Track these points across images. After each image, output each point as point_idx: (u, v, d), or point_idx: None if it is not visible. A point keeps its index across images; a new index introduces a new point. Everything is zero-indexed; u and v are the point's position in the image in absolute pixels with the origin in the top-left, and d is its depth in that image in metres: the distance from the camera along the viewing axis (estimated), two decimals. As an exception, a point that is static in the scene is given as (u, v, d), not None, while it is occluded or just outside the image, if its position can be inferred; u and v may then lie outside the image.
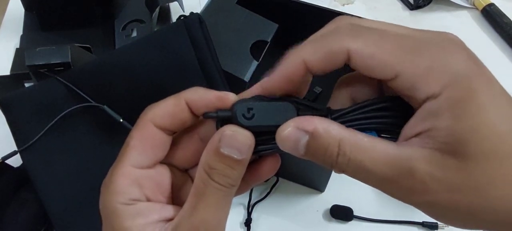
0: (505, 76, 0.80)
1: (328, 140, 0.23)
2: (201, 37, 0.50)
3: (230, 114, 0.24)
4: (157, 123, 0.26)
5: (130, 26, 0.73)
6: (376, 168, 0.22)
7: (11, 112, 0.51)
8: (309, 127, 0.23)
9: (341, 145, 0.22)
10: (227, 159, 0.23)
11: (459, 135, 0.20)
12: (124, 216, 0.24)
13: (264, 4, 0.63)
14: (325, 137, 0.23)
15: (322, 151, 0.23)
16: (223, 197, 0.24)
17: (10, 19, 0.77)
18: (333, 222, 0.58)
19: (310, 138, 0.23)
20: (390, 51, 0.22)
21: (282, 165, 0.58)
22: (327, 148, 0.23)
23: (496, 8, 0.82)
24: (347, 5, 0.85)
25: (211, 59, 0.50)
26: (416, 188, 0.21)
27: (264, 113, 0.24)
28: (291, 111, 0.24)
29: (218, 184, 0.24)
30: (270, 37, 0.58)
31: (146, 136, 0.25)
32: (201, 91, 0.26)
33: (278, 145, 0.24)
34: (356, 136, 0.23)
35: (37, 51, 0.59)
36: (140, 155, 0.25)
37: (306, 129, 0.23)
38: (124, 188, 0.24)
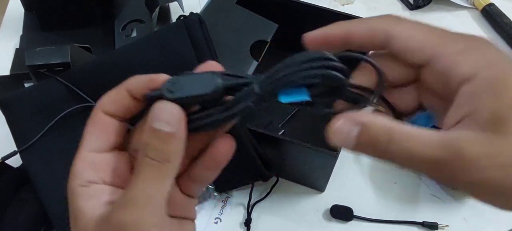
0: (505, 76, 0.79)
1: (378, 130, 0.24)
2: (201, 37, 0.50)
3: (160, 93, 0.25)
4: (104, 110, 0.27)
5: (130, 26, 0.73)
6: (426, 152, 0.22)
7: (11, 112, 0.51)
8: (360, 119, 0.24)
9: (391, 134, 0.23)
10: (158, 132, 0.24)
11: (502, 113, 0.21)
12: (79, 196, 0.25)
13: (264, 4, 0.63)
14: (375, 127, 0.24)
15: (373, 141, 0.24)
16: (158, 171, 0.24)
17: (10, 19, 0.77)
18: (333, 222, 0.58)
19: (361, 129, 0.24)
20: (427, 35, 0.24)
21: (282, 165, 0.58)
22: (378, 138, 0.23)
23: (496, 8, 0.82)
24: (347, 5, 0.85)
25: (211, 59, 0.50)
26: (466, 167, 0.21)
27: (188, 85, 0.25)
28: (215, 80, 0.25)
29: (152, 158, 0.24)
30: (270, 37, 0.58)
31: (97, 122, 0.27)
32: (139, 77, 0.27)
33: (330, 139, 0.25)
34: (403, 125, 0.23)
35: (37, 51, 0.59)
36: (94, 140, 0.27)
37: (357, 121, 0.24)
38: (80, 170, 0.26)
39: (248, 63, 0.55)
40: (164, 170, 0.25)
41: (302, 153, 0.53)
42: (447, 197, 0.60)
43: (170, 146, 0.24)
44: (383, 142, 0.23)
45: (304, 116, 0.66)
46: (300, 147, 0.52)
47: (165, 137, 0.24)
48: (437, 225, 0.56)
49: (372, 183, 0.61)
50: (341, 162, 0.60)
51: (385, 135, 0.23)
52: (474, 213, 0.58)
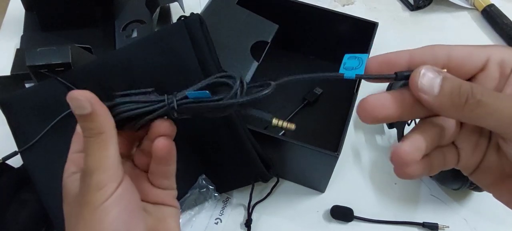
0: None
1: (460, 82, 0.25)
2: (201, 37, 0.49)
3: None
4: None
5: (130, 27, 0.73)
6: (506, 108, 0.24)
7: (11, 113, 0.51)
8: (441, 71, 0.26)
9: (473, 87, 0.25)
10: (82, 117, 0.30)
11: None
12: (66, 184, 0.34)
13: (264, 5, 0.63)
14: (458, 80, 0.25)
15: (455, 91, 0.25)
16: (97, 143, 0.30)
17: (10, 19, 0.77)
18: (333, 222, 0.58)
19: (444, 77, 0.25)
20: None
21: (282, 166, 0.58)
22: (460, 88, 0.25)
23: (496, 8, 0.82)
24: (347, 6, 0.85)
25: (212, 60, 0.50)
26: None
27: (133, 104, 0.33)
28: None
29: (89, 137, 0.30)
30: (271, 37, 0.58)
31: (78, 133, 0.35)
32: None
33: (414, 83, 0.26)
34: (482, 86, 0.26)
35: (38, 51, 0.59)
36: (77, 145, 0.35)
37: (440, 71, 0.26)
38: (67, 168, 0.34)
39: (248, 64, 0.55)
40: (101, 140, 0.30)
41: (303, 153, 0.53)
42: (447, 197, 0.60)
43: (96, 121, 0.30)
44: (465, 94, 0.25)
45: (304, 117, 0.67)
46: (301, 148, 0.52)
47: (88, 117, 0.30)
48: (437, 225, 0.56)
49: (372, 184, 0.61)
50: (341, 163, 0.60)
51: (468, 87, 0.25)
52: (474, 214, 0.58)
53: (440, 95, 0.25)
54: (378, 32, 0.64)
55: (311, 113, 0.67)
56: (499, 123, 0.24)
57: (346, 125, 0.53)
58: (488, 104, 0.24)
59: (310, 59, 0.73)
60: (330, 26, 0.67)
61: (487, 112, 0.24)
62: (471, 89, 0.25)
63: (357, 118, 0.68)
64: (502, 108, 0.24)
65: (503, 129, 0.25)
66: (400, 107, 0.28)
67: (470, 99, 0.24)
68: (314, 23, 0.68)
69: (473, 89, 0.25)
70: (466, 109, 0.25)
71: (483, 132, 0.28)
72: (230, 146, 0.52)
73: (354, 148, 0.65)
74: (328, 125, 0.65)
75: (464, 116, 0.25)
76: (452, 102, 0.25)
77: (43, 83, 0.53)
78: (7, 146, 0.52)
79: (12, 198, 0.53)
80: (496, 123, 0.24)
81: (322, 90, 0.68)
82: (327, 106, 0.67)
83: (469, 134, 0.28)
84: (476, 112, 0.25)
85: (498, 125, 0.25)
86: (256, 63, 0.55)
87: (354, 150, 0.64)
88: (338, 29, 0.67)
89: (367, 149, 0.65)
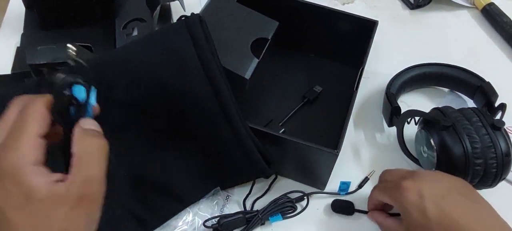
0: (504, 76, 0.80)
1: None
2: (201, 35, 0.50)
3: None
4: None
5: (130, 25, 0.73)
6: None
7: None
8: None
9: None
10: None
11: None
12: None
13: (264, 3, 0.63)
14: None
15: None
16: (19, 128, 0.34)
17: (10, 17, 0.77)
18: (335, 216, 0.58)
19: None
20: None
21: (282, 163, 0.58)
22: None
23: (496, 7, 0.82)
24: (347, 4, 0.85)
25: (212, 57, 0.50)
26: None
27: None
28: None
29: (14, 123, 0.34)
30: (271, 34, 0.58)
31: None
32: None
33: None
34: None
35: (38, 50, 0.59)
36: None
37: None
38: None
39: (249, 61, 0.55)
40: (23, 127, 0.33)
41: (303, 151, 0.53)
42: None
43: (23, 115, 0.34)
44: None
45: (304, 115, 0.67)
46: (301, 146, 0.52)
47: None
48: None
49: (372, 181, 0.61)
50: (341, 161, 0.61)
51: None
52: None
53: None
54: (378, 30, 0.64)
55: (310, 111, 0.67)
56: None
57: (345, 122, 0.53)
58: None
59: (310, 57, 0.73)
60: (330, 24, 0.68)
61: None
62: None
63: (356, 115, 0.68)
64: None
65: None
66: None
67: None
68: (314, 21, 0.68)
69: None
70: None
71: None
72: (231, 143, 0.52)
73: (354, 146, 0.65)
74: (328, 123, 0.66)
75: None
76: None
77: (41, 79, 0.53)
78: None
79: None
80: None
81: (321, 88, 0.68)
82: (327, 104, 0.67)
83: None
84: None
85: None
86: (257, 60, 0.55)
87: (354, 148, 0.65)
88: (338, 27, 0.68)
89: (366, 146, 0.65)
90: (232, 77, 0.53)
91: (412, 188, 0.47)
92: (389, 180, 0.52)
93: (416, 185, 0.47)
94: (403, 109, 0.60)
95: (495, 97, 0.61)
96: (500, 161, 0.52)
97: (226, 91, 0.50)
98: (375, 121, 0.68)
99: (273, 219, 0.56)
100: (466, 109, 0.56)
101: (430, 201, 0.45)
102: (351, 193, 0.59)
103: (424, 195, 0.46)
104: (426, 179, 0.48)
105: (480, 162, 0.52)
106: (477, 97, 0.65)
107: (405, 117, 0.58)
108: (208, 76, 0.50)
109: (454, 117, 0.55)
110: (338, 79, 0.70)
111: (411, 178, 0.48)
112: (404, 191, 0.47)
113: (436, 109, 0.58)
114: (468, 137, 0.53)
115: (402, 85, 0.66)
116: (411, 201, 0.46)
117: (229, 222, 0.54)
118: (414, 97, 0.70)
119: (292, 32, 0.69)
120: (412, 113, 0.58)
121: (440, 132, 0.55)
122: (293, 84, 0.70)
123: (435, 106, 0.59)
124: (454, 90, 0.70)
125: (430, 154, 0.56)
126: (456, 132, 0.53)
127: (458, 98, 0.70)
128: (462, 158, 0.53)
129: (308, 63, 0.72)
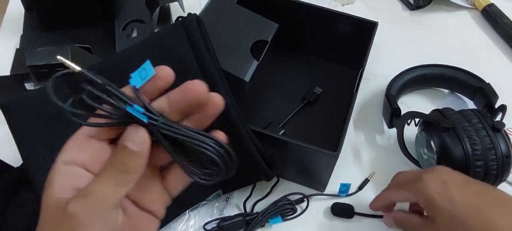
0: (504, 77, 0.80)
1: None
2: (199, 37, 0.49)
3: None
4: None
5: (130, 26, 0.73)
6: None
7: (12, 115, 0.51)
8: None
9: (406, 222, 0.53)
10: (125, 148, 0.29)
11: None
12: (58, 172, 0.30)
13: (264, 4, 0.63)
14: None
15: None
16: (117, 178, 0.29)
17: (10, 19, 0.77)
18: (335, 219, 0.58)
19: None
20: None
21: (282, 165, 0.58)
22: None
23: (496, 8, 0.82)
24: (347, 5, 0.85)
25: (210, 60, 0.50)
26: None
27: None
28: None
29: (116, 168, 0.29)
30: (271, 37, 0.58)
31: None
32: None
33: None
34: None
35: (38, 51, 0.59)
36: (88, 129, 0.31)
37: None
38: (68, 149, 0.31)
39: (248, 63, 0.55)
40: (122, 179, 0.29)
41: (303, 153, 0.53)
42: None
43: (133, 161, 0.29)
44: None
45: (304, 116, 0.67)
46: (301, 147, 0.52)
47: (130, 153, 0.29)
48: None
49: (372, 183, 0.61)
50: (341, 162, 0.60)
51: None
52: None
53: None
54: (378, 31, 0.64)
55: (311, 113, 0.67)
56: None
57: (345, 124, 0.53)
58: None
59: (310, 58, 0.73)
60: (330, 26, 0.67)
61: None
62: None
63: (357, 117, 0.68)
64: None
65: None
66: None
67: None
68: (314, 23, 0.68)
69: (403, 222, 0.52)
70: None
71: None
72: (232, 147, 0.52)
73: (354, 147, 0.65)
74: (328, 125, 0.65)
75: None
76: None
77: (43, 87, 0.53)
78: (6, 145, 0.52)
79: (11, 198, 0.53)
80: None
81: (322, 89, 0.68)
82: (327, 106, 0.67)
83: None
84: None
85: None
86: (256, 62, 0.55)
87: (354, 149, 0.64)
88: (338, 28, 0.67)
89: (366, 148, 0.65)
90: (232, 80, 0.52)
91: (433, 178, 0.47)
92: (405, 178, 0.52)
93: (436, 175, 0.48)
94: (403, 110, 0.60)
95: (495, 98, 0.61)
96: (500, 162, 0.52)
97: (224, 93, 0.50)
98: (375, 122, 0.67)
99: (273, 221, 0.56)
100: (466, 111, 0.56)
101: (454, 188, 0.46)
102: (351, 194, 0.59)
103: (447, 182, 0.47)
104: (442, 170, 0.49)
105: (481, 163, 0.52)
106: (477, 99, 0.64)
107: (405, 118, 0.58)
108: (206, 79, 0.50)
109: (454, 118, 0.55)
110: (338, 80, 0.70)
111: (429, 171, 0.49)
112: (427, 181, 0.47)
113: (436, 110, 0.58)
114: (468, 139, 0.53)
115: (402, 86, 0.66)
116: (436, 190, 0.46)
117: (229, 225, 0.54)
118: (414, 98, 0.70)
119: (292, 34, 0.69)
120: (412, 114, 0.58)
121: (440, 133, 0.55)
122: (293, 85, 0.69)
123: (435, 107, 0.59)
124: (454, 91, 0.70)
125: (431, 155, 0.56)
126: (456, 134, 0.53)
127: (458, 99, 0.70)
128: (463, 160, 0.53)
129: (308, 65, 0.72)
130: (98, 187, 0.29)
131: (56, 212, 0.29)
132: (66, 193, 0.29)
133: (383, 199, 0.54)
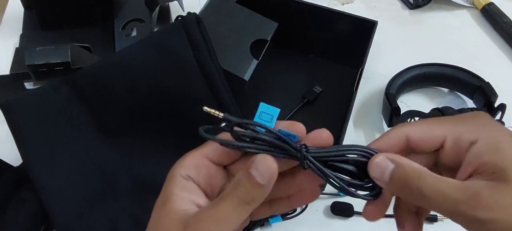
0: (504, 76, 0.80)
1: (410, 169, 0.29)
2: (199, 37, 0.49)
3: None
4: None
5: (129, 26, 0.73)
6: (451, 192, 0.27)
7: (13, 116, 0.51)
8: (396, 158, 0.30)
9: (421, 174, 0.28)
10: (251, 178, 0.29)
11: (501, 165, 0.27)
12: (177, 183, 0.31)
13: (264, 3, 0.63)
14: (408, 166, 0.29)
15: (405, 178, 0.29)
16: (239, 205, 0.29)
17: (9, 18, 0.77)
18: (334, 218, 0.58)
19: (396, 166, 0.29)
20: (434, 127, 0.31)
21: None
22: (410, 175, 0.29)
23: (495, 7, 0.82)
24: (347, 4, 0.85)
25: (210, 59, 0.50)
26: (483, 206, 0.27)
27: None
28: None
29: (238, 195, 0.29)
30: (270, 36, 0.58)
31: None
32: (215, 146, 0.33)
33: (369, 170, 0.31)
34: (430, 172, 0.29)
35: (37, 50, 0.59)
36: (212, 150, 0.32)
37: (394, 159, 0.30)
38: (187, 165, 0.31)
39: (248, 62, 0.55)
40: (244, 207, 0.29)
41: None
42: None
43: (257, 193, 0.29)
44: (414, 180, 0.28)
45: (304, 115, 0.67)
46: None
47: (256, 185, 0.29)
48: (436, 217, 0.56)
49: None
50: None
51: (416, 174, 0.28)
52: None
53: (389, 184, 0.30)
54: (377, 30, 0.64)
55: (310, 112, 0.67)
56: (440, 211, 0.28)
57: (345, 123, 0.53)
58: (430, 197, 0.28)
59: (310, 57, 0.73)
60: (330, 25, 0.67)
61: (429, 204, 0.28)
62: (417, 181, 0.28)
63: (356, 116, 0.68)
64: (442, 202, 0.28)
65: (444, 214, 0.29)
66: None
67: (415, 191, 0.28)
68: (314, 22, 0.68)
69: (419, 180, 0.28)
70: (412, 197, 0.29)
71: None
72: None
73: (354, 147, 0.65)
74: (328, 124, 0.65)
75: (411, 200, 0.30)
76: (400, 191, 0.30)
77: (44, 86, 0.53)
78: (7, 145, 0.52)
79: (11, 197, 0.53)
80: (438, 210, 0.28)
81: (321, 88, 0.68)
82: (327, 105, 0.67)
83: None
84: (420, 202, 0.29)
85: (440, 211, 0.29)
86: (256, 61, 0.55)
87: (354, 149, 0.64)
88: (337, 27, 0.67)
89: (366, 147, 0.65)
90: (232, 79, 0.52)
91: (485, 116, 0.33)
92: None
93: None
94: (402, 109, 0.60)
95: (494, 97, 0.61)
96: (500, 161, 0.52)
97: (224, 92, 0.50)
98: (374, 121, 0.67)
99: (273, 221, 0.56)
100: (465, 110, 0.56)
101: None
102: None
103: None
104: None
105: (480, 162, 0.52)
106: (477, 98, 0.64)
107: (405, 117, 0.58)
108: (206, 78, 0.50)
109: (454, 117, 0.55)
110: (338, 79, 0.70)
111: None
112: (501, 126, 0.31)
113: (436, 109, 0.58)
114: (468, 138, 0.53)
115: (401, 85, 0.66)
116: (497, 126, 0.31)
117: None
118: (413, 97, 0.70)
119: (292, 33, 0.69)
120: (412, 113, 0.58)
121: (440, 132, 0.55)
122: (292, 84, 0.69)
123: (434, 106, 0.59)
124: (453, 90, 0.70)
125: (430, 154, 0.56)
126: (456, 133, 0.53)
127: (457, 98, 0.70)
128: (462, 159, 0.53)
129: (307, 64, 0.72)
130: (220, 210, 0.29)
131: (178, 223, 0.29)
132: (187, 205, 0.30)
133: (395, 135, 0.32)
